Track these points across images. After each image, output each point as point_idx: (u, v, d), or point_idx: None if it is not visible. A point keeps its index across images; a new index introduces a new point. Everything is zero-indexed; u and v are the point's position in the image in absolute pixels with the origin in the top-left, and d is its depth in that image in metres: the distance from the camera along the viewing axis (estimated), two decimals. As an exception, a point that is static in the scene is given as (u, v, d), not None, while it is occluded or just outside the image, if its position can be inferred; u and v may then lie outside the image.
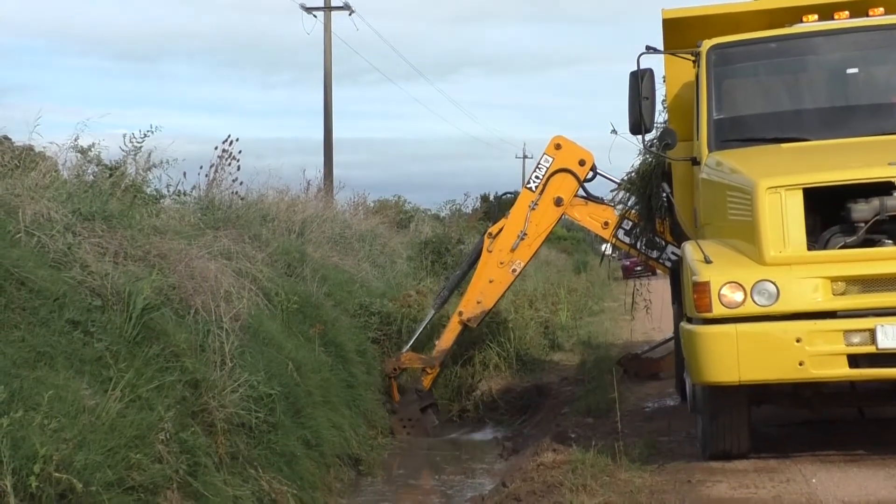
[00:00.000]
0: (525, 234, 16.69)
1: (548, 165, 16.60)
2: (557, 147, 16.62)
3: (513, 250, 16.79)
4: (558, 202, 16.48)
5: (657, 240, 15.51)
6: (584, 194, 16.56)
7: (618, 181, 15.85)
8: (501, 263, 16.89)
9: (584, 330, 25.64)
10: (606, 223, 16.36)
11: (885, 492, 8.11)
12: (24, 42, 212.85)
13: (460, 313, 17.24)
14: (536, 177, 16.68)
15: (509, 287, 17.50)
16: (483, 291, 17.09)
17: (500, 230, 16.95)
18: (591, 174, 16.52)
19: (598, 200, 16.54)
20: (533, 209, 16.63)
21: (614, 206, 16.24)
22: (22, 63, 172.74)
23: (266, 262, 14.83)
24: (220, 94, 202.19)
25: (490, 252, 16.97)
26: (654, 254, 15.98)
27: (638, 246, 16.19)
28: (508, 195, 18.07)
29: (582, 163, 16.36)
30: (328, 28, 40.40)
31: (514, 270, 16.94)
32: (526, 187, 16.87)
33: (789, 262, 8.77)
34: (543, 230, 16.83)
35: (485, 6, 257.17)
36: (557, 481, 9.55)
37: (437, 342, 17.78)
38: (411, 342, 17.97)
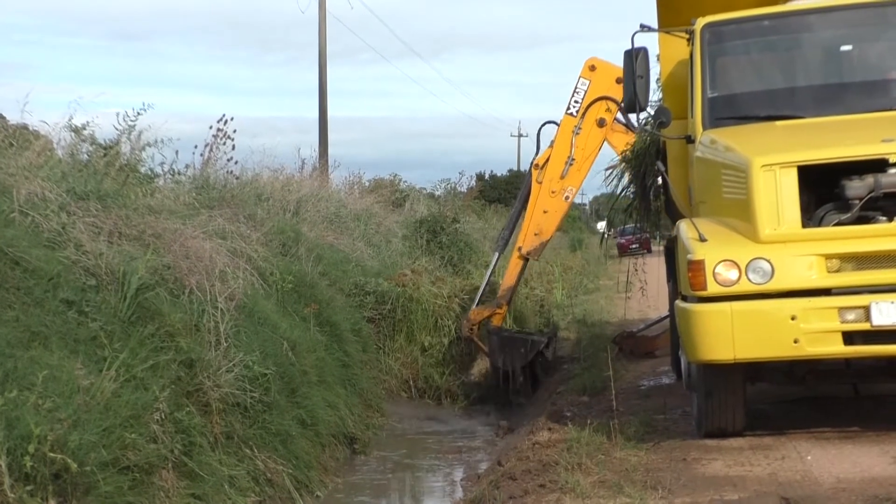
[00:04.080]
0: (573, 160, 16.70)
1: (585, 88, 16.56)
2: (592, 69, 16.62)
3: (563, 177, 16.85)
4: (601, 123, 16.51)
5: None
6: (624, 121, 16.30)
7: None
8: (553, 192, 16.94)
9: (579, 308, 25.65)
10: None
11: (880, 468, 8.12)
12: (16, 20, 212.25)
13: (520, 248, 17.46)
14: (575, 101, 16.69)
15: (566, 215, 17.58)
16: (539, 223, 17.23)
17: (547, 160, 16.93)
18: None
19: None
20: (577, 134, 16.65)
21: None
22: (14, 41, 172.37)
23: (261, 241, 14.82)
24: (213, 73, 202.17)
25: (540, 183, 17.01)
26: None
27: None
28: (549, 124, 17.93)
29: (619, 80, 16.18)
30: (323, 6, 40.30)
31: (566, 197, 17.03)
32: (567, 113, 16.90)
33: (784, 240, 8.76)
34: (590, 153, 16.84)
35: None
36: (553, 460, 9.56)
37: (500, 282, 18.13)
38: (478, 297, 18.37)
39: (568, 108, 16.88)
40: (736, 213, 9.22)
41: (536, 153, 17.81)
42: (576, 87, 16.71)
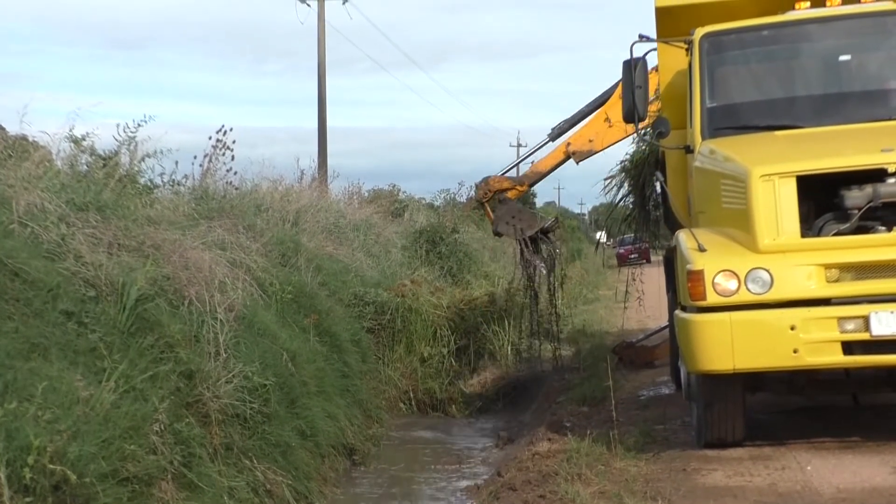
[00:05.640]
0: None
1: None
2: None
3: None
4: None
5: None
6: None
7: None
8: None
9: (578, 318, 25.63)
10: None
11: (880, 478, 8.13)
12: (13, 28, 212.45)
13: (568, 144, 17.08)
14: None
15: (625, 138, 17.00)
16: (598, 132, 16.86)
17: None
18: None
19: None
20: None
21: None
22: (11, 51, 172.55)
23: (260, 252, 14.81)
24: (211, 83, 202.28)
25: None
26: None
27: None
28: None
29: None
30: (322, 17, 40.38)
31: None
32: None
33: (783, 250, 8.77)
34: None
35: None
36: (553, 470, 9.56)
37: (533, 162, 17.74)
38: (507, 167, 18.13)
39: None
40: (735, 223, 9.23)
41: None
42: None
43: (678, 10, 11.64)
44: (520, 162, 18.02)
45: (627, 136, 16.59)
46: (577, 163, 17.24)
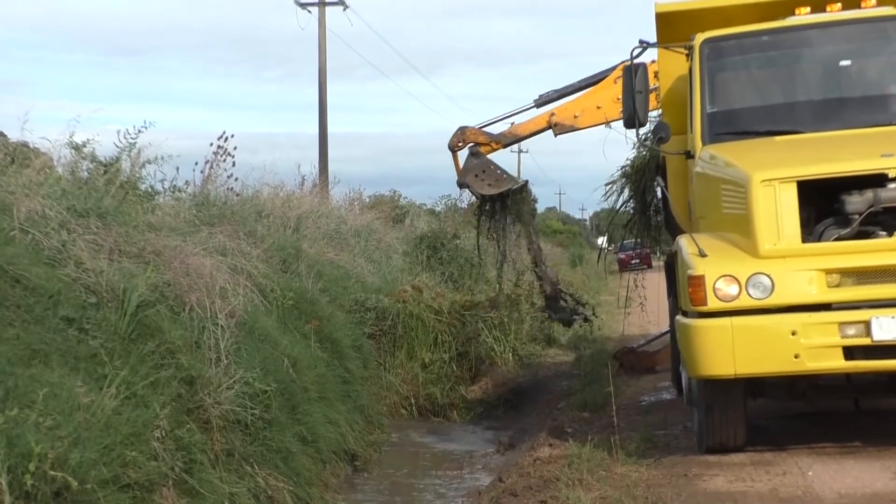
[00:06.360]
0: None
1: None
2: None
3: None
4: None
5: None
6: None
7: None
8: (617, 100, 16.23)
9: (579, 324, 25.62)
10: None
11: (881, 484, 8.12)
12: (14, 36, 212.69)
13: (552, 114, 16.79)
14: None
15: (605, 123, 16.68)
16: (585, 110, 16.60)
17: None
18: None
19: None
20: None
21: None
22: (12, 58, 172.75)
23: (261, 258, 14.80)
24: (211, 89, 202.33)
25: (615, 83, 16.00)
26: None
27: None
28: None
29: None
30: (323, 24, 40.41)
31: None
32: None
33: (784, 255, 8.77)
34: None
35: (475, 0, 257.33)
36: (554, 476, 9.56)
37: (513, 123, 17.35)
38: (486, 122, 17.63)
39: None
40: (736, 229, 9.23)
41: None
42: None
43: (678, 15, 11.65)
44: (499, 119, 17.52)
45: (608, 122, 16.43)
46: (556, 135, 16.98)
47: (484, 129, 17.55)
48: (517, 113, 17.52)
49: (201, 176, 17.23)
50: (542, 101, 17.20)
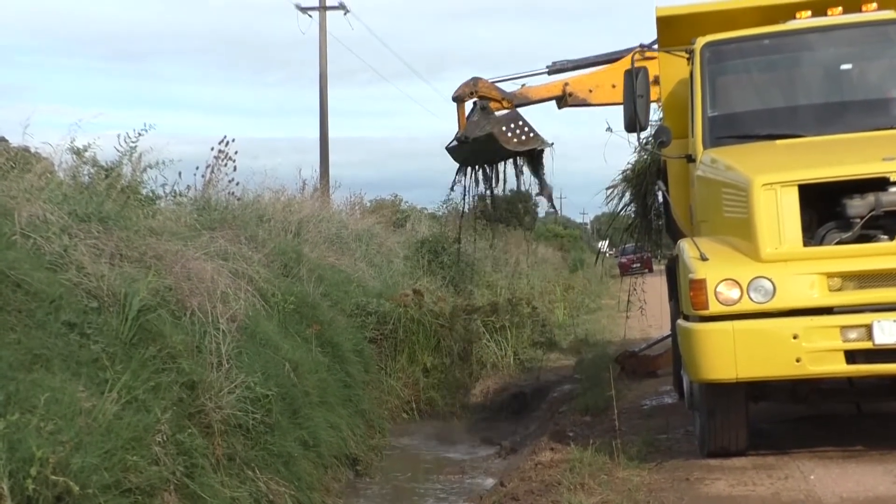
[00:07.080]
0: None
1: None
2: None
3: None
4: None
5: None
6: None
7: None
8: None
9: (581, 328, 25.66)
10: None
11: (884, 487, 8.11)
12: (14, 41, 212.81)
13: (567, 83, 16.40)
14: None
15: (615, 104, 15.89)
16: (601, 86, 16.21)
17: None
18: None
19: None
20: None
21: None
22: (13, 63, 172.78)
23: (262, 262, 14.81)
24: (212, 94, 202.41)
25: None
26: None
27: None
28: None
29: None
30: (323, 28, 40.39)
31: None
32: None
33: (785, 259, 8.76)
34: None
35: (475, 4, 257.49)
36: (555, 480, 9.55)
37: (524, 85, 16.85)
38: (499, 78, 17.01)
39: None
40: (737, 232, 9.22)
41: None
42: None
43: (679, 19, 11.65)
44: (510, 79, 17.12)
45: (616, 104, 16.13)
46: (562, 106, 16.57)
47: (496, 84, 16.94)
48: (529, 75, 17.10)
49: (202, 180, 17.26)
50: (554, 69, 16.88)
